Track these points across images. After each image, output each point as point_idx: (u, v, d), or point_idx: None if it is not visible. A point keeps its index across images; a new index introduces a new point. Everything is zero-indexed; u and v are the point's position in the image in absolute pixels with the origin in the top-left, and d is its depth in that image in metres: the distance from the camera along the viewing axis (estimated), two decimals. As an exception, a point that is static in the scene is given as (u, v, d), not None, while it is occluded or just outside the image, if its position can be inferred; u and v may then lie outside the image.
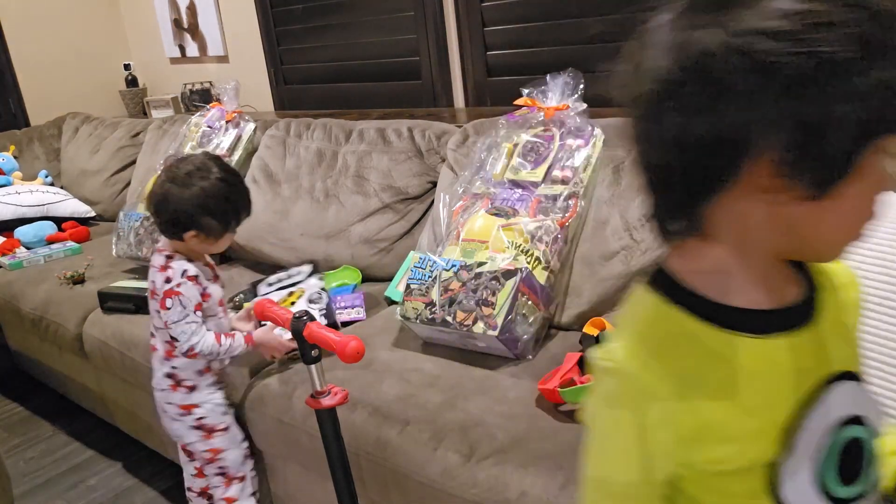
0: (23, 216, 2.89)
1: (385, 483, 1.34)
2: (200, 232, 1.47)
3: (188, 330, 1.45)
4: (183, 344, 1.46)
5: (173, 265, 1.48)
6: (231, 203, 1.50)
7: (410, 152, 2.07)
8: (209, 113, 2.60)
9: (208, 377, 1.56)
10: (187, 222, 1.46)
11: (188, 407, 1.55)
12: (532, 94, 1.76)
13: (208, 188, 1.46)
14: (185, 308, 1.45)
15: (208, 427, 1.56)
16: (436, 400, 1.36)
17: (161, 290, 1.47)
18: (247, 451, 1.62)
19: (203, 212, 1.46)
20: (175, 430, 1.58)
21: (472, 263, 1.52)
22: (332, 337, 1.19)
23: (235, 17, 3.22)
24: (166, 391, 1.55)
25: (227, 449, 1.58)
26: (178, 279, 1.46)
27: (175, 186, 1.46)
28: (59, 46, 3.63)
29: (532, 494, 1.11)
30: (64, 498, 2.10)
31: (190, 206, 1.45)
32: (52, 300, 2.27)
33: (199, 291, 1.49)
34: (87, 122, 3.40)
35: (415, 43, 2.60)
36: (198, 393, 1.55)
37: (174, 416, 1.56)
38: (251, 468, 1.63)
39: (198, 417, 1.55)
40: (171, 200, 1.45)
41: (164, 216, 1.47)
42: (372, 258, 2.06)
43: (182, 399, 1.55)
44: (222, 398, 1.59)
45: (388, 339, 1.65)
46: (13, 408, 2.68)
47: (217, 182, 1.48)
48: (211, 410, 1.56)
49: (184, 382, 1.54)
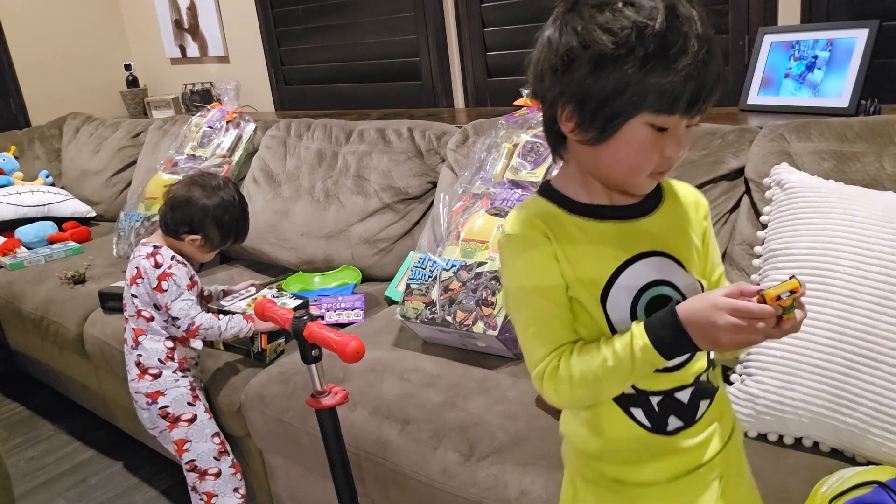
0: (24, 216, 2.89)
1: (385, 482, 1.34)
2: (202, 238, 1.60)
3: (185, 306, 1.56)
4: (183, 320, 1.56)
5: (162, 252, 1.60)
6: (237, 224, 1.66)
7: (410, 152, 2.08)
8: (210, 113, 2.60)
9: (171, 364, 1.61)
10: (197, 227, 1.60)
11: (153, 395, 1.60)
12: (532, 94, 1.76)
13: (228, 202, 1.63)
14: (180, 287, 1.57)
15: (173, 416, 1.60)
16: (436, 400, 1.36)
17: (153, 276, 1.57)
18: (220, 446, 1.63)
19: (214, 222, 1.61)
20: (145, 419, 1.63)
21: (472, 263, 1.52)
22: (332, 337, 1.19)
23: (236, 18, 3.22)
24: (135, 380, 1.61)
25: (192, 440, 1.60)
26: (168, 262, 1.58)
27: (200, 191, 1.61)
28: (59, 47, 3.63)
29: (531, 493, 1.12)
30: (64, 497, 2.10)
31: (206, 214, 1.60)
32: (52, 300, 2.27)
33: (189, 275, 1.61)
34: (87, 123, 3.40)
35: (415, 43, 2.61)
36: (161, 380, 1.60)
37: (143, 405, 1.61)
38: (230, 465, 1.64)
39: (162, 406, 1.59)
40: (193, 203, 1.59)
41: (179, 214, 1.60)
42: (372, 258, 2.06)
43: (147, 387, 1.60)
44: (188, 387, 1.61)
45: (388, 339, 1.65)
46: (14, 407, 2.68)
47: (234, 201, 1.64)
48: (174, 399, 1.60)
49: (149, 370, 1.60)
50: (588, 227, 0.81)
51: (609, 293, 0.79)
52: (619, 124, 0.72)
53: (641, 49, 0.68)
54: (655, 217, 0.83)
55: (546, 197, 0.83)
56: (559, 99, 0.75)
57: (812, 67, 1.65)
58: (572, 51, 0.72)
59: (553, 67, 0.74)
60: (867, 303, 1.06)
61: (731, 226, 1.47)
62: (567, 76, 0.73)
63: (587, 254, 0.80)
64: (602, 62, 0.70)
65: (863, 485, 0.88)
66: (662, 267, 0.81)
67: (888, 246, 1.08)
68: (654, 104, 0.70)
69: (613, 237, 0.81)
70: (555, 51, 0.74)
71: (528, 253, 0.81)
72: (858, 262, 1.09)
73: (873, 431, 1.04)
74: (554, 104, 0.76)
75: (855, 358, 1.06)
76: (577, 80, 0.72)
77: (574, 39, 0.72)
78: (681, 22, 0.69)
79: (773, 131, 1.44)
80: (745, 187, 1.47)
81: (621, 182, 0.80)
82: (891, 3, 1.63)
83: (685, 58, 0.68)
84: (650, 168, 0.76)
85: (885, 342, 1.04)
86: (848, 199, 1.18)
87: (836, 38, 1.61)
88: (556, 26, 0.75)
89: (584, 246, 0.80)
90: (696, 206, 0.87)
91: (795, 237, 1.18)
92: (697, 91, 0.70)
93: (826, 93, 1.61)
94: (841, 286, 1.09)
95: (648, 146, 0.74)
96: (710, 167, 1.50)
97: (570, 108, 0.74)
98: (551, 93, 0.76)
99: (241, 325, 1.59)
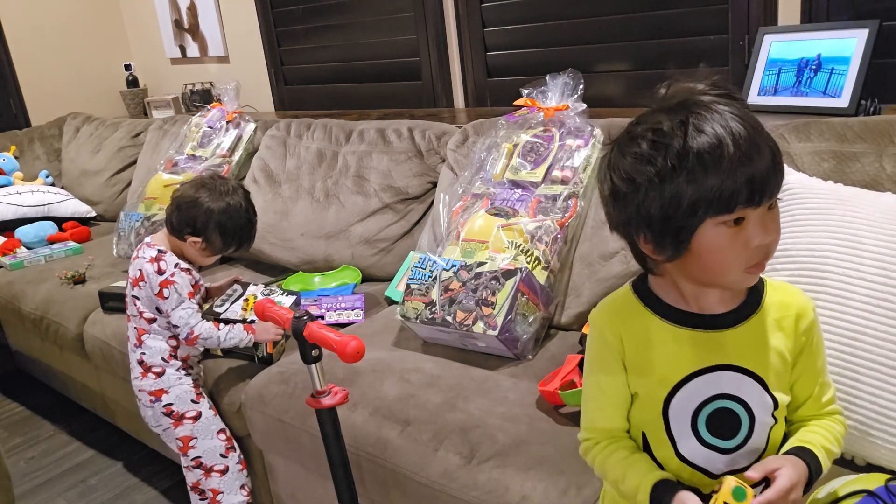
0: (24, 216, 2.89)
1: (385, 483, 1.34)
2: (203, 241, 1.59)
3: (185, 315, 1.55)
4: (183, 329, 1.55)
5: (166, 258, 1.58)
6: (241, 232, 1.63)
7: (410, 152, 2.08)
8: (210, 113, 2.60)
9: (174, 363, 1.61)
10: (200, 229, 1.58)
11: (157, 393, 1.60)
12: (532, 94, 1.76)
13: (234, 208, 1.60)
14: (181, 295, 1.56)
15: (177, 414, 1.60)
16: (436, 400, 1.36)
17: (155, 282, 1.56)
18: (227, 442, 1.63)
19: (217, 228, 1.59)
20: (149, 417, 1.63)
21: (472, 263, 1.52)
22: (332, 337, 1.19)
23: (236, 18, 3.22)
24: (138, 378, 1.61)
25: (197, 437, 1.60)
26: (171, 269, 1.57)
27: (208, 194, 1.59)
28: (60, 47, 3.63)
29: (533, 499, 1.11)
30: (64, 497, 2.10)
31: (210, 217, 1.57)
32: (52, 300, 2.27)
33: (192, 282, 1.60)
34: (87, 123, 3.40)
35: (415, 43, 2.60)
36: (165, 378, 1.60)
37: (146, 403, 1.61)
38: (237, 462, 1.64)
39: (166, 404, 1.60)
40: (199, 205, 1.58)
41: (184, 214, 1.58)
42: (372, 258, 2.06)
43: (151, 385, 1.60)
44: (191, 385, 1.62)
45: (388, 339, 1.65)
46: (14, 407, 2.68)
47: (241, 208, 1.62)
48: (178, 397, 1.60)
49: (152, 368, 1.60)
50: (667, 331, 0.84)
51: (672, 399, 0.83)
52: (689, 235, 0.75)
53: (680, 166, 0.72)
54: (741, 329, 0.83)
55: (636, 292, 0.87)
56: (629, 226, 0.79)
57: (812, 67, 1.64)
58: (619, 186, 0.77)
59: (614, 197, 0.79)
60: (866, 304, 1.06)
61: (731, 226, 1.47)
62: (626, 206, 0.77)
63: (660, 357, 0.83)
64: (650, 187, 0.74)
65: (852, 494, 0.88)
66: (734, 382, 0.82)
67: (888, 248, 1.08)
68: (713, 208, 0.72)
69: (690, 346, 0.83)
70: (609, 187, 0.79)
71: (598, 346, 0.87)
72: (858, 264, 1.09)
73: (873, 434, 1.04)
74: (628, 231, 0.80)
75: (854, 360, 1.06)
76: (635, 208, 0.76)
77: (615, 176, 0.77)
78: (705, 130, 0.71)
79: (773, 131, 1.43)
80: (745, 188, 1.47)
81: (719, 284, 0.80)
82: (891, 3, 1.63)
83: (723, 160, 0.70)
84: (742, 263, 0.76)
85: (884, 344, 1.04)
86: (847, 201, 1.18)
87: (836, 38, 1.61)
88: (604, 166, 0.80)
89: (660, 348, 0.84)
90: (797, 318, 0.85)
91: (794, 239, 1.18)
92: (752, 182, 0.71)
93: (826, 93, 1.61)
94: (840, 288, 1.09)
95: (729, 244, 0.74)
96: (710, 167, 1.49)
97: (642, 233, 0.78)
98: (621, 220, 0.80)
99: (241, 336, 1.58)
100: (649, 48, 2.05)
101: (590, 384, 0.90)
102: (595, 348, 0.88)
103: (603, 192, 0.81)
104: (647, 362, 0.84)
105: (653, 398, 0.83)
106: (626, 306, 0.87)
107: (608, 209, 0.82)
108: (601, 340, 0.87)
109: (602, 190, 0.81)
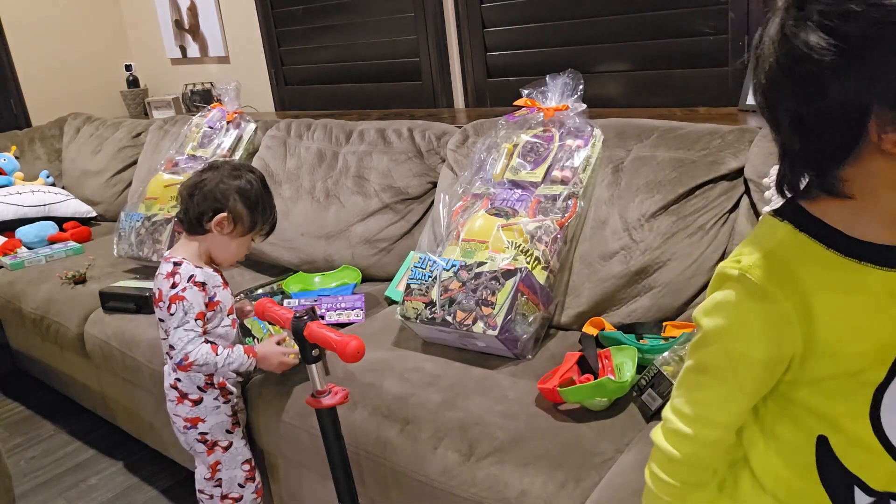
0: (24, 216, 2.90)
1: (385, 482, 1.34)
2: (230, 216, 1.48)
3: (185, 337, 1.42)
4: (178, 352, 1.42)
5: (181, 271, 1.46)
6: (264, 203, 1.54)
7: (410, 153, 2.08)
8: (210, 113, 2.60)
9: (212, 391, 1.53)
10: (221, 202, 1.48)
11: (193, 420, 1.53)
12: (532, 94, 1.77)
13: (251, 181, 1.51)
14: (186, 314, 1.43)
15: (210, 443, 1.55)
16: (436, 399, 1.37)
17: (167, 296, 1.44)
18: (249, 472, 1.60)
19: (239, 195, 1.49)
20: (182, 441, 1.58)
21: (471, 263, 1.52)
22: (332, 336, 1.19)
23: (236, 18, 3.22)
24: (174, 402, 1.54)
25: (223, 465, 1.57)
26: (184, 283, 1.44)
27: (214, 173, 1.51)
28: (60, 47, 3.63)
29: (531, 493, 1.12)
30: (65, 497, 2.11)
31: (228, 188, 1.48)
32: (53, 300, 2.28)
33: (205, 300, 1.47)
34: (88, 123, 3.40)
35: (415, 44, 2.61)
36: (202, 407, 1.53)
37: (180, 428, 1.55)
38: (253, 491, 1.61)
39: (201, 432, 1.54)
40: (208, 182, 1.49)
41: (198, 198, 1.48)
42: (372, 258, 2.06)
43: (187, 412, 1.53)
44: (229, 413, 1.56)
45: (388, 339, 1.65)
46: (14, 407, 2.68)
47: (258, 182, 1.53)
48: (214, 426, 1.54)
49: (189, 396, 1.52)
50: (878, 281, 0.57)
51: (891, 384, 0.57)
52: None
53: None
54: None
55: (804, 230, 0.59)
56: (859, 102, 0.53)
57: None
58: (851, 35, 0.52)
59: (832, 66, 0.53)
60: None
61: (730, 226, 1.48)
62: (861, 68, 0.52)
63: (871, 320, 0.57)
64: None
65: None
66: None
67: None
68: None
69: None
70: (818, 45, 0.53)
71: (754, 319, 0.59)
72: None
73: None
74: (846, 112, 0.54)
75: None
76: (886, 62, 0.51)
77: (838, 20, 0.52)
78: None
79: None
80: (745, 187, 1.47)
81: None
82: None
83: None
84: None
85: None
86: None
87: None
88: (798, 25, 0.55)
89: (869, 308, 0.57)
90: None
91: (795, 237, 1.17)
92: None
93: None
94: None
95: None
96: (709, 167, 1.50)
97: (885, 112, 0.52)
98: (837, 98, 0.53)
99: (241, 360, 1.47)
100: (649, 48, 2.05)
101: (710, 368, 0.64)
102: (747, 323, 0.60)
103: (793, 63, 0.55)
104: (851, 330, 0.57)
105: (857, 383, 0.58)
106: (799, 255, 0.58)
107: (805, 89, 0.55)
108: (766, 313, 0.58)
109: (788, 60, 0.55)
